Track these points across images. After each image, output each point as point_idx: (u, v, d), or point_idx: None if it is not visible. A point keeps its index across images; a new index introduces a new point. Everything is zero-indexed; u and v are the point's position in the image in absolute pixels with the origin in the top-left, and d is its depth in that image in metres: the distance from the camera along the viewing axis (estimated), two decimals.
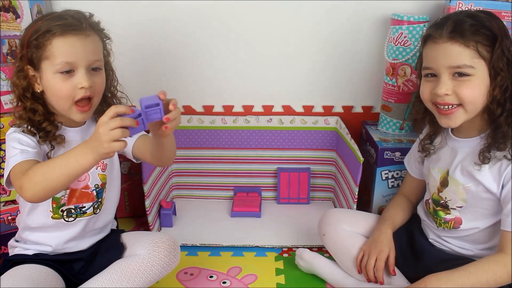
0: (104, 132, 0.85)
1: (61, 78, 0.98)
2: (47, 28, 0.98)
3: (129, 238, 1.16)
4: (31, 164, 0.95)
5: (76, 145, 0.92)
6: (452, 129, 1.10)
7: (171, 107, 0.90)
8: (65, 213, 1.08)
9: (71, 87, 0.98)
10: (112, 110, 0.86)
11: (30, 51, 0.99)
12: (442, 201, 1.09)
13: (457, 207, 1.06)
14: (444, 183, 1.08)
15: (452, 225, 1.08)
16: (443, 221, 1.09)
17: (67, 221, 1.09)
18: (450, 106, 1.00)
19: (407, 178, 1.27)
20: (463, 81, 0.97)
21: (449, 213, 1.08)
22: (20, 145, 0.99)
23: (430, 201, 1.13)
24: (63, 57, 0.98)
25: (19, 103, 1.03)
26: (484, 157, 1.00)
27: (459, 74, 0.97)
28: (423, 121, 1.15)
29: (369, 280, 1.11)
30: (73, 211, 1.09)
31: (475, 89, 0.97)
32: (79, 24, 0.99)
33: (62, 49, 0.97)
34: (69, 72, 0.98)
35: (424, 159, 1.17)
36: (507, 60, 0.96)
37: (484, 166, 1.00)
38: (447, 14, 1.04)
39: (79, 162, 0.89)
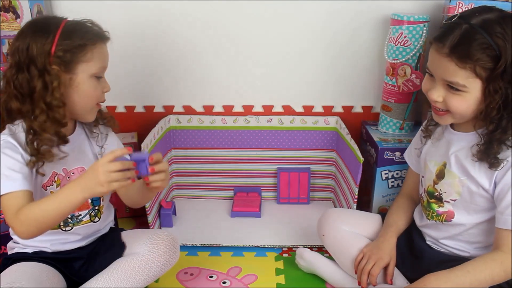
0: (104, 173, 0.90)
1: (95, 81, 1.04)
2: (93, 34, 1.02)
3: (128, 236, 1.16)
4: (20, 198, 0.94)
5: (65, 186, 0.95)
6: None
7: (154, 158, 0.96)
8: (61, 223, 1.08)
9: (100, 90, 1.06)
10: (112, 154, 0.92)
11: (68, 54, 0.98)
12: (436, 193, 1.09)
13: (451, 200, 1.06)
14: (440, 175, 1.08)
15: (444, 218, 1.08)
16: (435, 214, 1.09)
17: (65, 230, 1.09)
18: (440, 109, 1.02)
19: (409, 174, 1.25)
20: (454, 94, 0.98)
21: (442, 206, 1.08)
22: (7, 169, 0.95)
23: (424, 194, 1.13)
24: (102, 62, 1.05)
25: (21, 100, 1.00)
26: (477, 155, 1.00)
27: (451, 87, 0.97)
28: None
29: (359, 283, 1.11)
30: (69, 220, 1.08)
31: (464, 104, 0.97)
32: (107, 33, 1.06)
33: (101, 55, 1.04)
34: (99, 77, 1.05)
35: (421, 152, 1.17)
36: (509, 81, 0.92)
37: (479, 162, 1.00)
38: (461, 16, 0.98)
39: (71, 202, 0.93)
